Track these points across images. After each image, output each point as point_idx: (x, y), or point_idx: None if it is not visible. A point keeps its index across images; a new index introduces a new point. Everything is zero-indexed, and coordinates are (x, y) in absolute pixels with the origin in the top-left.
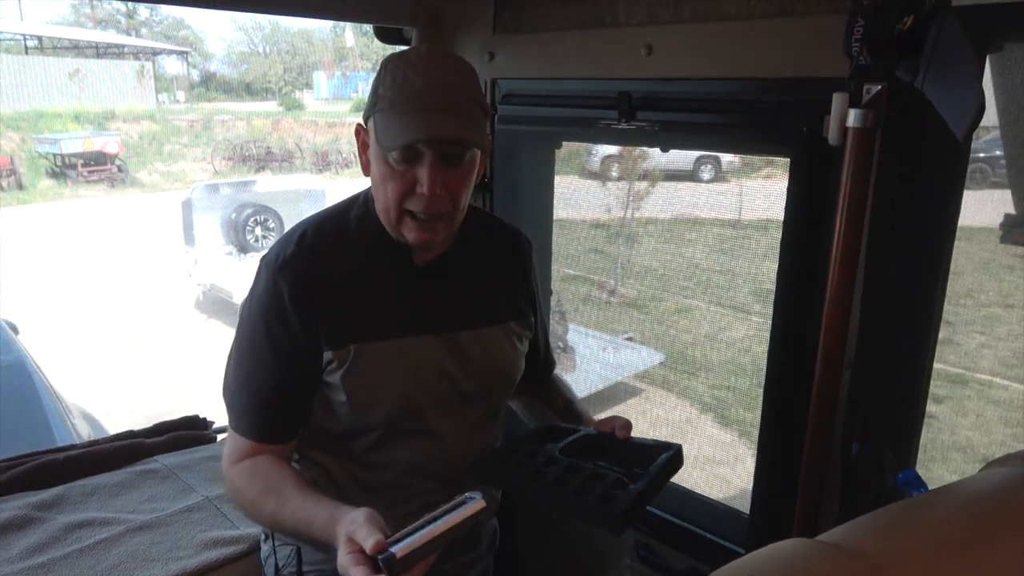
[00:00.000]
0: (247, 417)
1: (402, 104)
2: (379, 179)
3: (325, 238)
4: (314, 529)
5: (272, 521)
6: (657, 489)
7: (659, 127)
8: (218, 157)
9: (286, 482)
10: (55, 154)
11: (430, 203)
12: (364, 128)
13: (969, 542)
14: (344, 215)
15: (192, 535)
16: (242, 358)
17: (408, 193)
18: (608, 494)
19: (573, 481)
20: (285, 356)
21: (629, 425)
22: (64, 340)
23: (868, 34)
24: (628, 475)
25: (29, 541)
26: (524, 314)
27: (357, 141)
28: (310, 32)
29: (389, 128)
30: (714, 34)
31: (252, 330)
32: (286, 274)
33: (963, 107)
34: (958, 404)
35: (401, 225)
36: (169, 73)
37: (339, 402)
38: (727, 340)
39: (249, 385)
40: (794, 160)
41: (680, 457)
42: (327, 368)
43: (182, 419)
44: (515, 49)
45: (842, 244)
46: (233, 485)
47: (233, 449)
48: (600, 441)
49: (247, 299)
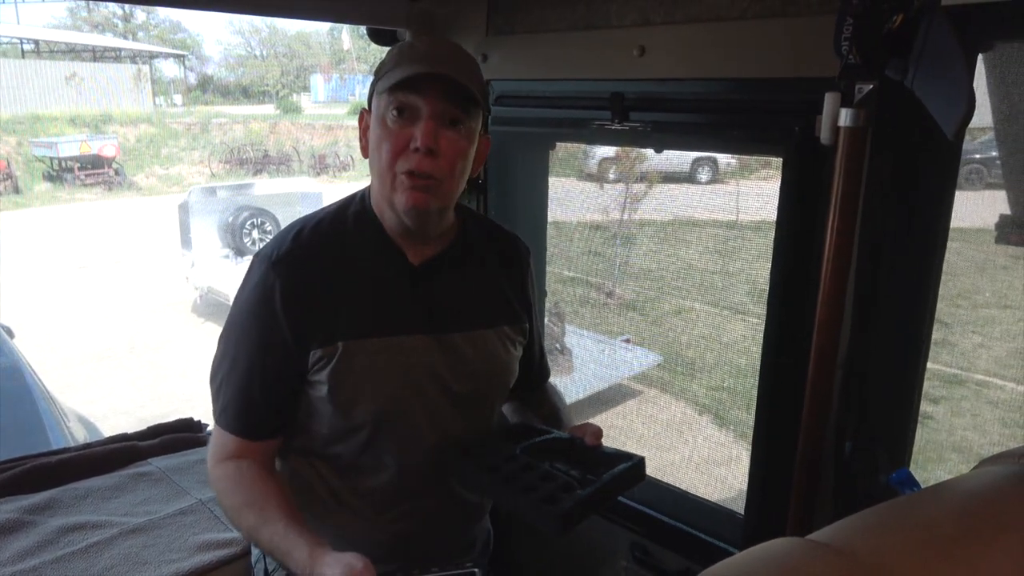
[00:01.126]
0: (231, 411)
1: (403, 63)
2: (376, 143)
3: (321, 236)
4: (290, 556)
5: (250, 535)
6: (606, 497)
7: (652, 127)
8: (215, 160)
9: (269, 498)
10: (52, 158)
11: (424, 160)
12: (367, 111)
13: (960, 541)
14: (341, 213)
15: (185, 538)
16: (228, 351)
17: (403, 150)
18: (554, 495)
19: (524, 479)
20: (271, 353)
21: (600, 433)
22: (60, 343)
23: (857, 33)
24: (581, 480)
25: (21, 545)
26: (519, 319)
27: (360, 126)
28: (307, 35)
29: (390, 79)
30: (706, 35)
31: (240, 324)
32: (279, 271)
33: (952, 106)
34: (955, 404)
35: (394, 190)
36: (166, 76)
37: (324, 401)
38: (725, 341)
39: (234, 378)
40: (786, 160)
41: (641, 469)
42: (314, 367)
43: (176, 422)
44: (508, 51)
45: (834, 243)
46: (217, 487)
47: (218, 445)
48: (567, 446)
49: (239, 291)
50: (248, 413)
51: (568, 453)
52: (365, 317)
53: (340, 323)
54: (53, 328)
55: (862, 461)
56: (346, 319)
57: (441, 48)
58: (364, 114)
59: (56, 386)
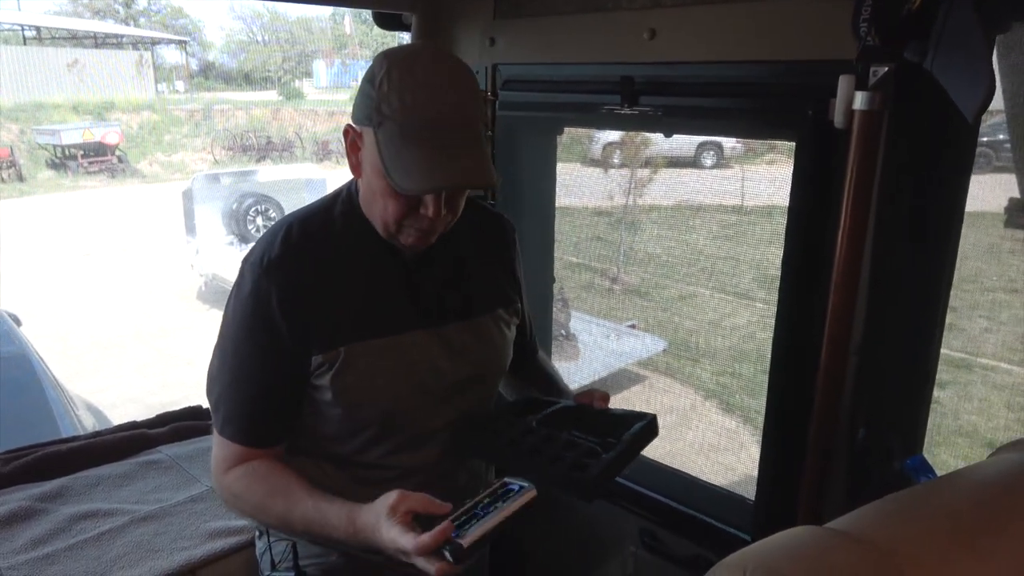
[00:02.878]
0: (235, 422)
1: (412, 132)
2: (378, 192)
3: (310, 236)
4: (330, 526)
5: (281, 522)
6: (630, 458)
7: (662, 112)
8: (218, 147)
9: (291, 483)
10: (55, 145)
11: (433, 223)
12: (355, 130)
13: (979, 530)
14: (328, 211)
15: (196, 525)
16: (226, 362)
17: (409, 212)
18: (580, 462)
19: (548, 450)
20: (272, 361)
21: (607, 397)
22: (66, 331)
23: (877, 14)
24: (602, 444)
25: (34, 532)
26: (511, 301)
27: (345, 141)
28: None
29: (400, 162)
30: (718, 17)
31: (237, 334)
32: (272, 277)
33: (973, 88)
34: (962, 389)
35: (399, 234)
36: (168, 63)
37: (329, 404)
38: (730, 327)
39: (235, 390)
40: (799, 144)
41: (655, 426)
42: (316, 371)
43: (185, 410)
44: (516, 34)
45: (848, 229)
46: (231, 492)
47: (224, 456)
48: (577, 413)
49: (231, 300)
50: (253, 423)
51: (581, 420)
52: (364, 318)
53: (340, 326)
54: (59, 316)
55: (875, 447)
56: (346, 322)
57: (448, 104)
58: (351, 131)
59: (64, 374)
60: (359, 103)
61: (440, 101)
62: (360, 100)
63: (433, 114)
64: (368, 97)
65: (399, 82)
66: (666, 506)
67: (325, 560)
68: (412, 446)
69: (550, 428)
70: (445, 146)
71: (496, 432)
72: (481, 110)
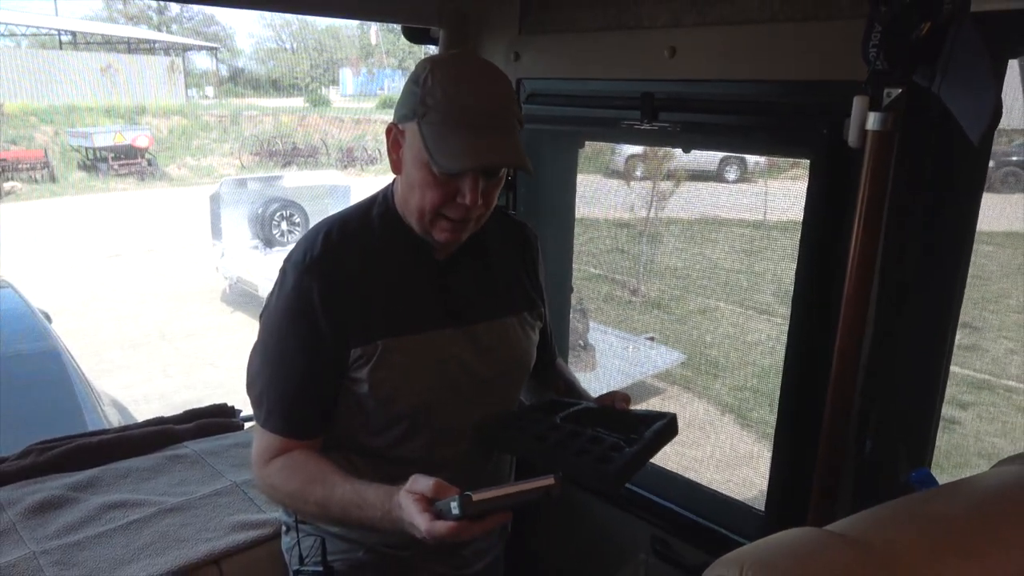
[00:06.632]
0: (277, 414)
1: (453, 119)
2: (417, 183)
3: (350, 236)
4: (368, 505)
5: (319, 508)
6: (650, 453)
7: (681, 128)
8: (245, 152)
9: (328, 470)
10: (87, 147)
11: (469, 211)
12: (398, 128)
13: (972, 535)
14: (366, 213)
15: (220, 518)
16: (269, 357)
17: (447, 201)
18: (605, 455)
19: (573, 445)
20: (313, 354)
21: (628, 399)
22: (94, 329)
23: (885, 40)
24: (625, 440)
25: (66, 519)
26: (535, 305)
27: (387, 139)
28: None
29: (443, 145)
30: (736, 37)
31: (279, 329)
32: (315, 274)
33: (979, 112)
34: (984, 410)
35: (433, 227)
36: (199, 69)
37: (365, 397)
38: (749, 341)
39: (277, 383)
40: (814, 162)
41: (674, 425)
42: (354, 364)
43: (211, 407)
44: (540, 50)
45: (860, 245)
46: (270, 482)
47: (264, 448)
48: (600, 412)
49: (272, 299)
50: (295, 414)
51: (603, 419)
52: (400, 314)
53: (377, 321)
54: (87, 314)
55: (883, 460)
56: (383, 317)
57: (487, 96)
58: (393, 130)
59: (91, 371)
60: (403, 101)
61: (479, 92)
62: (404, 99)
63: (473, 102)
64: (412, 94)
65: (442, 77)
66: (678, 514)
67: (353, 556)
68: (441, 441)
69: (575, 425)
70: (484, 130)
71: (522, 428)
72: (516, 105)
